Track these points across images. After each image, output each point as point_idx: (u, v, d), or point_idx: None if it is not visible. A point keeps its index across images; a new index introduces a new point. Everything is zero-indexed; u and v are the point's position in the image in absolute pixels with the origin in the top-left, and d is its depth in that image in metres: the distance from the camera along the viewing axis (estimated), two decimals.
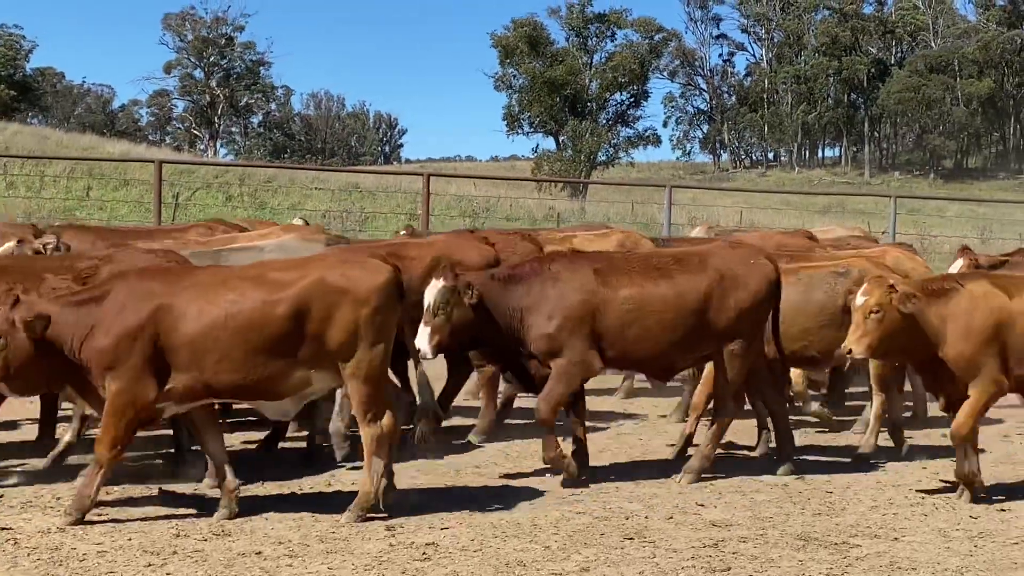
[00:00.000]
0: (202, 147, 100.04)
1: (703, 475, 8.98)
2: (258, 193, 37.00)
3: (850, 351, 8.11)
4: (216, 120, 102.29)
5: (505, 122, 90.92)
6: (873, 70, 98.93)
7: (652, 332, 8.69)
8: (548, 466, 8.95)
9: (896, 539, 7.46)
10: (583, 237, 13.24)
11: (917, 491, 8.80)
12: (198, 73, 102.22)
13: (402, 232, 14.60)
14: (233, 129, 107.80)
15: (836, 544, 7.30)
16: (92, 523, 7.39)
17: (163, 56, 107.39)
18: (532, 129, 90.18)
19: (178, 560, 6.74)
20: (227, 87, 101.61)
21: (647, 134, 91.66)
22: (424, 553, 6.93)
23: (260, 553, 6.88)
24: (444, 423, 10.71)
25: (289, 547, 7.01)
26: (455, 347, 8.96)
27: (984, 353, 8.13)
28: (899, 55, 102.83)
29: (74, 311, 7.32)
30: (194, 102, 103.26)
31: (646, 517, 7.88)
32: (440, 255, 10.06)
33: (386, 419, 7.54)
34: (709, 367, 9.63)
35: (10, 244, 10.15)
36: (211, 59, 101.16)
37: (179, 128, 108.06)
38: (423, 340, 8.43)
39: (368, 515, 7.57)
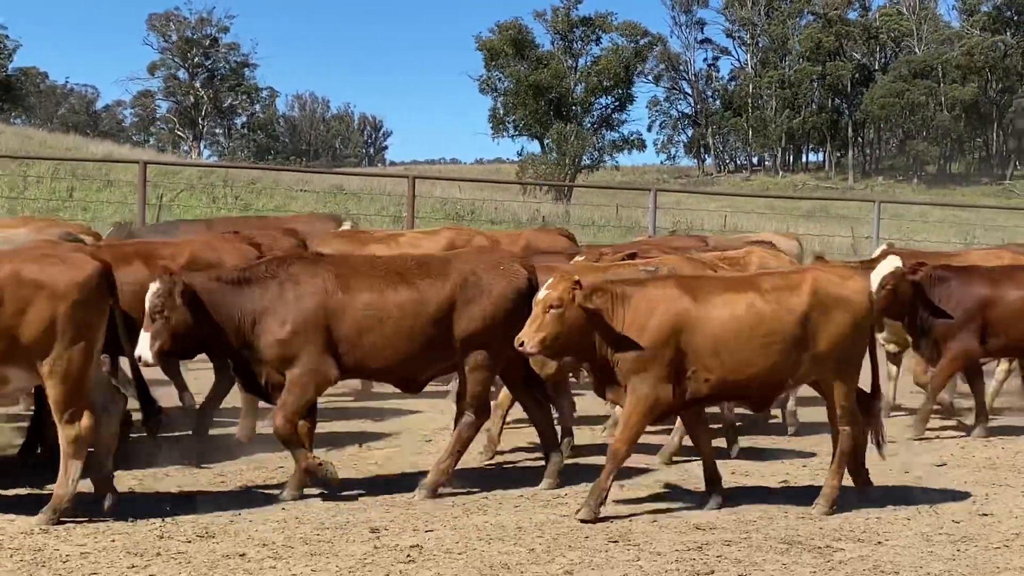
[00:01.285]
0: (186, 148, 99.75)
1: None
2: (242, 195, 36.86)
3: (522, 344, 7.65)
4: (200, 121, 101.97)
5: (490, 125, 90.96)
6: (857, 75, 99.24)
7: (390, 340, 8.27)
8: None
9: (879, 543, 7.48)
10: (411, 236, 12.79)
11: (900, 496, 8.83)
12: (182, 74, 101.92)
13: (114, 221, 14.32)
14: (217, 130, 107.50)
15: (820, 548, 7.32)
16: (75, 524, 7.36)
17: (147, 57, 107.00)
18: (517, 132, 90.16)
19: (161, 562, 6.72)
20: (211, 88, 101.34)
21: (632, 138, 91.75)
22: (408, 556, 6.93)
23: (244, 555, 6.87)
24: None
25: (273, 549, 7.00)
26: (181, 351, 8.49)
27: (654, 359, 7.74)
28: (883, 61, 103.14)
29: None
30: (178, 103, 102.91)
31: (630, 520, 7.88)
32: (195, 256, 9.85)
33: (85, 420, 7.32)
34: None
35: None
36: (195, 60, 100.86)
37: (163, 129, 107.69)
38: (144, 347, 7.97)
39: (61, 518, 7.33)
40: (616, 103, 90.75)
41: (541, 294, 7.76)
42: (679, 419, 9.72)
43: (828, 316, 8.00)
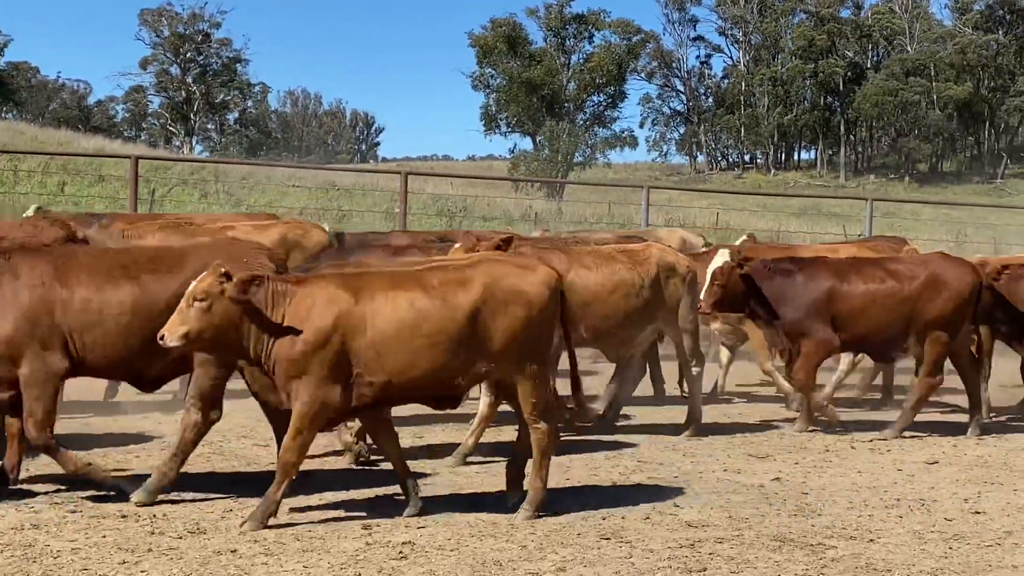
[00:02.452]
0: (178, 144, 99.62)
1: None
2: (234, 190, 36.86)
3: (163, 338, 7.14)
4: (192, 117, 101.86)
5: (482, 122, 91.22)
6: (849, 73, 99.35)
7: (112, 336, 7.81)
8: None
9: (872, 541, 7.48)
10: (242, 227, 12.38)
11: (892, 493, 8.85)
12: (174, 69, 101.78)
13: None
14: (209, 126, 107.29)
15: (812, 545, 7.31)
16: (66, 519, 7.35)
17: (139, 52, 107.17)
18: (509, 129, 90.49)
19: (153, 557, 6.70)
20: (203, 84, 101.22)
21: (624, 135, 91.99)
22: (401, 552, 6.91)
23: (235, 551, 6.85)
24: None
25: (265, 545, 6.98)
26: None
27: (311, 364, 7.24)
28: (875, 59, 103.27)
29: None
30: (170, 98, 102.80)
31: (623, 517, 7.87)
32: None
33: None
34: None
35: None
36: (187, 55, 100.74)
37: (155, 124, 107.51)
38: None
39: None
40: (608, 100, 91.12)
41: (191, 286, 7.24)
42: (478, 416, 9.62)
43: (501, 311, 7.51)
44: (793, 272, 11.29)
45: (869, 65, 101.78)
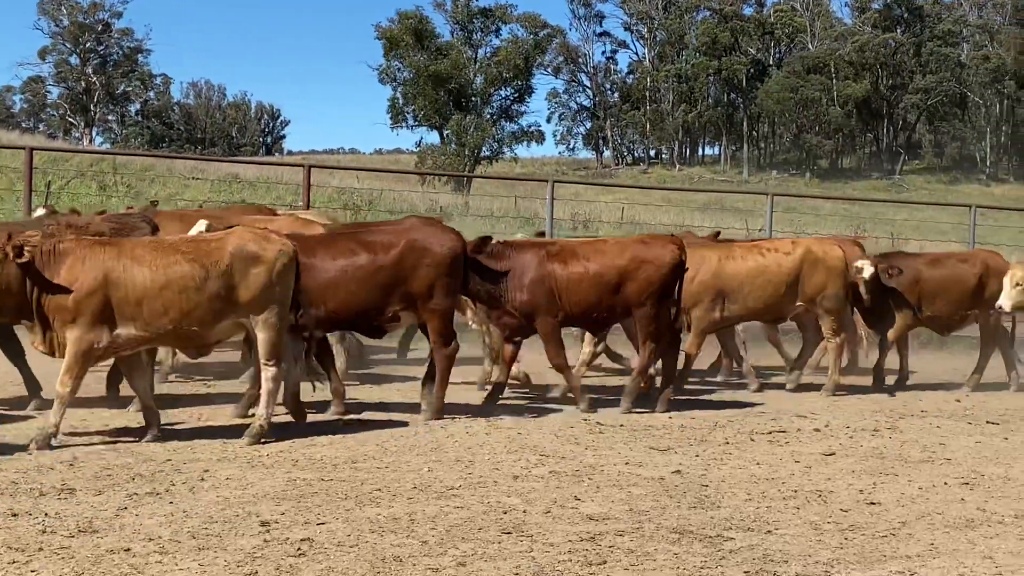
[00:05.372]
0: (77, 135, 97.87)
1: None
2: (134, 183, 36.20)
3: None
4: (92, 108, 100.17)
5: (389, 115, 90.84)
6: (752, 70, 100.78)
7: None
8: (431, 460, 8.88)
9: (769, 532, 7.55)
10: None
11: (789, 485, 8.95)
12: (74, 59, 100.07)
13: None
14: (110, 117, 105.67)
15: (711, 537, 7.36)
16: None
17: (38, 41, 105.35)
18: (416, 123, 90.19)
19: (44, 557, 6.54)
20: (104, 74, 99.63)
21: (531, 130, 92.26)
22: (299, 549, 6.82)
23: (129, 550, 6.71)
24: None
25: (159, 543, 6.85)
26: None
27: None
28: (777, 56, 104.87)
29: None
30: (69, 89, 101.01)
31: (524, 511, 7.86)
32: None
33: None
34: None
35: None
36: (87, 45, 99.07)
37: (54, 116, 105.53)
38: None
39: None
40: (515, 94, 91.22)
41: None
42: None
43: None
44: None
45: (771, 62, 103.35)
